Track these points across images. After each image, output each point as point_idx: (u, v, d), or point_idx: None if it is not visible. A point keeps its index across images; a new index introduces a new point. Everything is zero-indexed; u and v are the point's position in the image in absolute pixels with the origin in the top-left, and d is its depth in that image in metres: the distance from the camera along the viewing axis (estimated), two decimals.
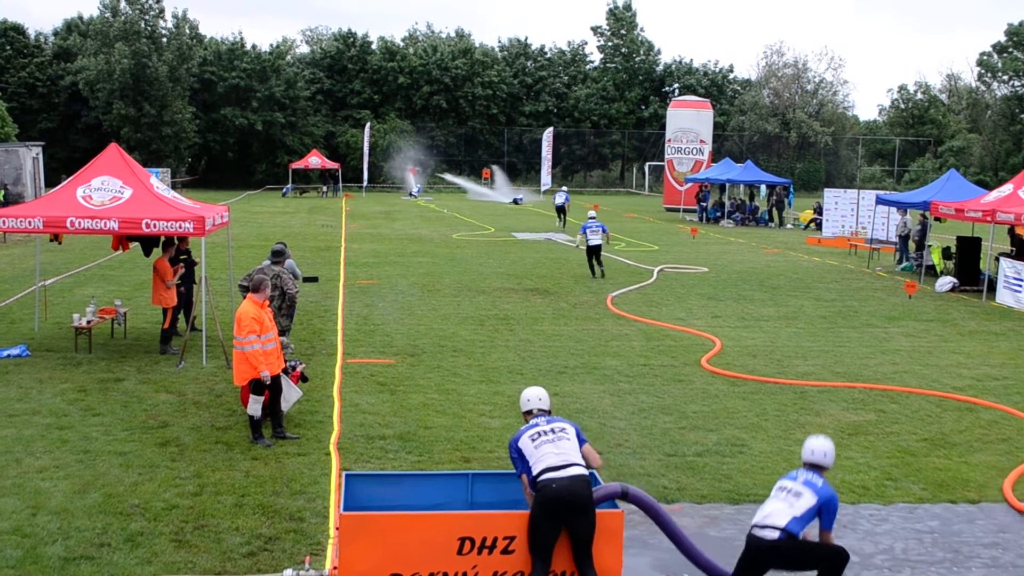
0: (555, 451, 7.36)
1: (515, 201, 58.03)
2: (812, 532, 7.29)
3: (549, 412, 7.87)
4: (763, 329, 18.80)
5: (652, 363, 15.64)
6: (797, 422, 12.45)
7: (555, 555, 7.26)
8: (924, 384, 14.67)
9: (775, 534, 7.10)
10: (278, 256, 14.31)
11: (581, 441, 7.60)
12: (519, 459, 7.50)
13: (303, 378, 12.28)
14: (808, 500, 7.21)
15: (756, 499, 9.74)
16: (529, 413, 7.83)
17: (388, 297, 21.48)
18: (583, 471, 7.32)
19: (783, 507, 7.23)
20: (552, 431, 7.51)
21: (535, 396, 7.91)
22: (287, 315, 14.14)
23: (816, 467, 7.48)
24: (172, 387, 13.47)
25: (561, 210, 42.17)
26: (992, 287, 23.54)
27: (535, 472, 7.32)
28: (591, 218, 26.36)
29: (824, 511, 7.26)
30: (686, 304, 21.51)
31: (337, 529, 7.38)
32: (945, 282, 24.92)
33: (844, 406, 13.31)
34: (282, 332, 13.43)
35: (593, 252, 25.56)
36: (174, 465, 10.27)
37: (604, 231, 25.85)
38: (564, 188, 48.32)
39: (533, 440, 7.46)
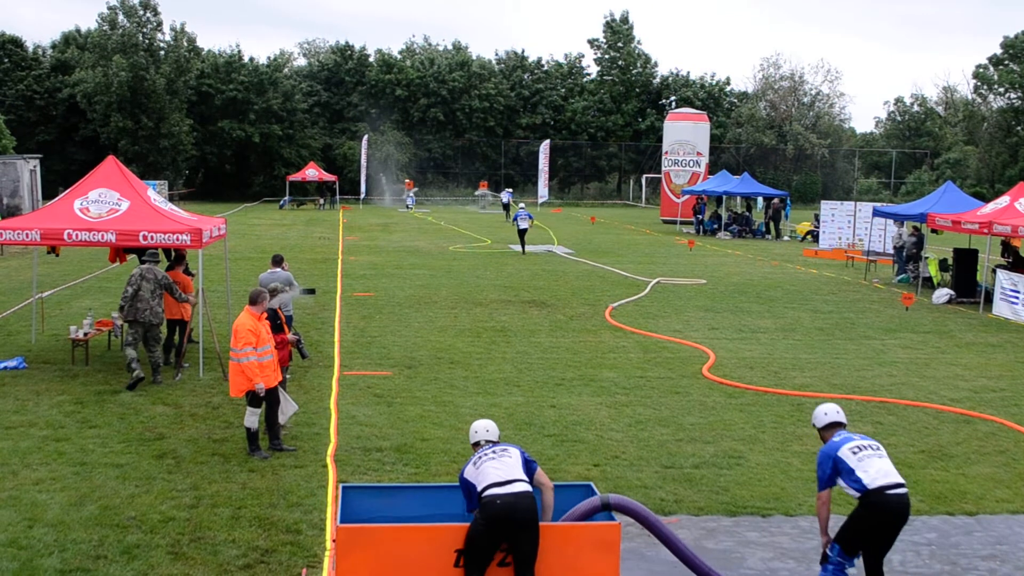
0: (497, 466, 7.25)
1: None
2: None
3: (496, 443, 7.73)
4: (760, 341, 18.81)
5: (649, 375, 15.64)
6: (794, 434, 12.44)
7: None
8: (921, 396, 14.67)
9: (906, 491, 7.47)
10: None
11: (531, 465, 7.43)
12: (466, 492, 7.37)
13: (302, 354, 12.43)
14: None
15: (753, 511, 9.76)
16: (477, 445, 7.73)
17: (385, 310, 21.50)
18: (527, 487, 7.17)
19: (890, 464, 7.62)
20: (494, 452, 7.42)
21: (483, 428, 7.84)
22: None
23: (843, 426, 8.17)
24: (169, 399, 13.46)
25: (507, 207, 52.89)
26: (989, 299, 23.58)
27: (480, 488, 7.18)
28: (521, 207, 36.86)
29: None
30: (683, 316, 21.53)
31: (334, 541, 7.37)
32: (942, 294, 24.94)
33: None
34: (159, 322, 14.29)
35: (521, 234, 34.93)
36: (171, 477, 10.26)
37: (530, 218, 35.85)
38: (509, 189, 60.47)
39: (475, 464, 7.36)
